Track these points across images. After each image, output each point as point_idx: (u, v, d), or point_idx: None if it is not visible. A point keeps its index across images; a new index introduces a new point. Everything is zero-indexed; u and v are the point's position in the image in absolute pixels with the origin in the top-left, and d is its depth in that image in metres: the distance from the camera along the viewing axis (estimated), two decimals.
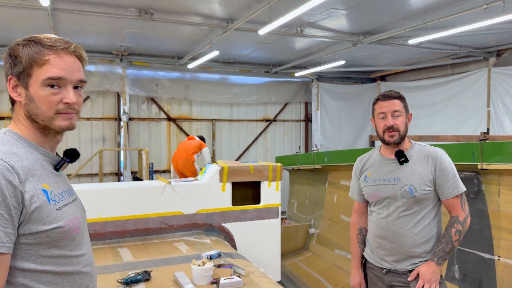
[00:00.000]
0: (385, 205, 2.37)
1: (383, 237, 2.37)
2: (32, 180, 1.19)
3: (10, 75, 1.27)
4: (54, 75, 1.23)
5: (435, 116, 10.27)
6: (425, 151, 2.36)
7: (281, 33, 7.60)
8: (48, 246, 1.20)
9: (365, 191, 2.49)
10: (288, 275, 6.09)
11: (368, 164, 2.52)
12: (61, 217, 1.23)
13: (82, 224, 1.36)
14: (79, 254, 1.30)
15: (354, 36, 8.02)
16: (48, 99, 1.24)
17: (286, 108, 12.07)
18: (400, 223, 2.31)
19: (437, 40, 7.96)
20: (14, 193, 1.13)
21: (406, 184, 2.29)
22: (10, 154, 1.18)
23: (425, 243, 2.29)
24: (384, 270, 2.38)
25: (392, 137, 2.31)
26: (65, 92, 1.26)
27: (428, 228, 2.30)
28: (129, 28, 7.61)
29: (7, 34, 7.86)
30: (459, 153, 4.17)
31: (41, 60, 1.23)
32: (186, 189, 4.36)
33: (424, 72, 10.96)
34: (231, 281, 2.88)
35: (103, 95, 10.02)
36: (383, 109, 2.33)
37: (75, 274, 1.28)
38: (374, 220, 2.44)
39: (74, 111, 1.29)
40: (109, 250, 3.78)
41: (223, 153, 11.25)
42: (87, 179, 9.70)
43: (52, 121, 1.26)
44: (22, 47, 1.25)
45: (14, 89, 1.27)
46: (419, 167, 2.32)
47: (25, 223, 1.16)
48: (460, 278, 4.16)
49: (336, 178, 6.60)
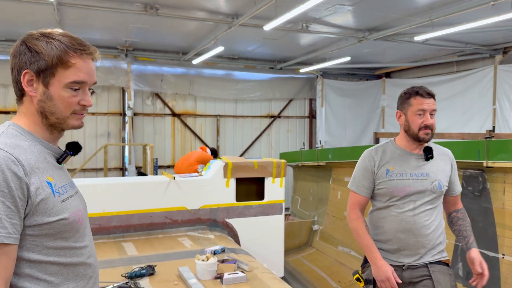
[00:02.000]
0: (411, 200, 2.34)
1: (409, 231, 2.32)
2: (37, 172, 1.21)
3: (27, 69, 1.26)
4: (80, 79, 1.28)
5: (440, 114, 10.15)
6: (440, 150, 2.48)
7: (287, 29, 7.57)
8: (54, 237, 1.22)
9: (387, 185, 2.37)
10: (291, 271, 6.11)
11: (387, 157, 2.42)
12: (65, 209, 1.25)
13: (85, 216, 1.38)
14: (82, 245, 1.33)
15: (360, 33, 7.98)
16: (68, 101, 1.28)
17: (291, 105, 12.05)
18: (425, 217, 2.35)
19: (443, 37, 7.91)
20: (19, 185, 1.14)
21: (435, 179, 2.36)
22: (15, 146, 1.19)
23: (440, 234, 2.39)
24: (404, 267, 2.33)
25: (427, 135, 2.34)
26: (84, 94, 1.31)
27: (439, 220, 2.40)
28: (135, 23, 7.61)
29: (12, 28, 7.89)
30: (464, 150, 4.16)
31: (67, 62, 1.26)
32: (190, 184, 4.37)
33: (429, 69, 10.90)
34: (235, 276, 2.90)
35: (108, 90, 10.04)
36: (424, 106, 2.31)
37: (79, 265, 1.30)
38: (394, 216, 2.35)
39: (86, 111, 1.35)
40: (113, 244, 3.80)
41: (227, 149, 11.26)
42: (92, 173, 9.74)
43: (66, 120, 1.30)
44: (47, 44, 1.24)
45: (29, 83, 1.27)
46: (441, 164, 2.42)
47: (31, 215, 1.17)
48: (464, 275, 4.15)
49: (340, 175, 6.59)
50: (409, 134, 2.36)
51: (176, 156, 10.65)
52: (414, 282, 2.33)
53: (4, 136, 1.21)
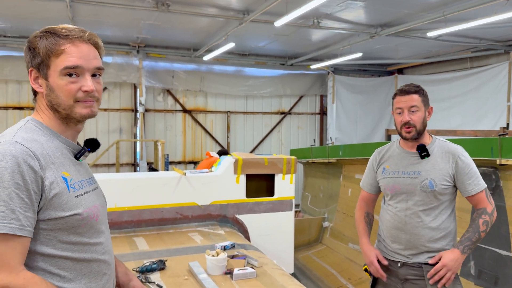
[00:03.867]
0: (403, 199, 2.36)
1: (400, 230, 2.35)
2: (52, 167, 1.22)
3: (31, 67, 1.29)
4: (70, 64, 1.25)
5: (453, 111, 10.09)
6: (445, 147, 2.36)
7: (298, 24, 7.54)
8: (67, 232, 1.23)
9: (382, 183, 2.48)
10: (301, 268, 6.11)
11: (387, 156, 2.51)
12: (79, 204, 1.26)
13: (102, 213, 1.38)
14: (97, 242, 1.33)
15: (372, 28, 7.91)
16: (66, 88, 1.26)
17: (301, 101, 12.01)
18: (418, 217, 2.30)
19: (457, 33, 7.79)
20: (34, 178, 1.16)
21: (427, 178, 2.29)
22: (32, 140, 1.21)
23: (442, 238, 2.29)
24: (399, 264, 2.37)
25: (409, 133, 2.31)
26: (83, 80, 1.27)
27: (445, 224, 2.30)
28: (146, 20, 7.65)
29: (26, 25, 7.99)
30: (477, 148, 4.10)
31: (57, 50, 1.25)
32: (200, 180, 4.39)
33: (442, 65, 10.76)
34: (245, 272, 2.91)
35: (120, 86, 10.12)
36: (400, 104, 2.33)
37: (93, 261, 1.30)
38: (390, 214, 2.42)
39: (94, 98, 1.31)
40: (125, 239, 3.85)
41: (238, 146, 11.27)
42: (104, 169, 9.84)
43: (72, 109, 1.28)
44: (40, 39, 1.27)
45: (35, 81, 1.30)
46: (440, 162, 2.31)
47: (45, 209, 1.19)
48: (476, 274, 4.11)
49: (351, 172, 6.56)
50: (398, 134, 2.40)
51: (186, 152, 10.71)
52: (409, 279, 2.34)
53: (22, 130, 1.24)
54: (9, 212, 1.11)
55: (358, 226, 2.61)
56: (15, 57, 8.97)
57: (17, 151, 1.15)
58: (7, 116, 9.11)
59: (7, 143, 1.16)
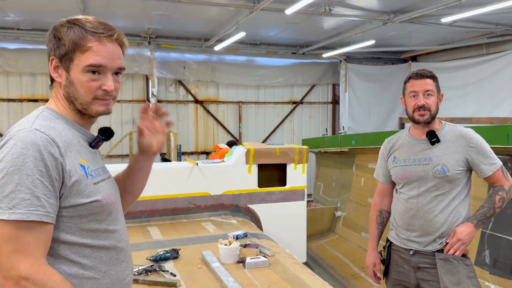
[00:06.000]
0: (415, 186, 2.34)
1: (413, 217, 2.33)
2: (71, 154, 1.23)
3: (53, 56, 1.29)
4: (95, 62, 1.25)
5: (468, 98, 9.91)
6: (456, 131, 2.32)
7: (309, 12, 7.45)
8: (87, 219, 1.24)
9: (393, 172, 2.46)
10: (313, 257, 6.12)
11: (397, 145, 2.49)
12: (98, 191, 1.27)
13: (117, 200, 1.40)
14: (115, 229, 1.34)
15: (385, 15, 7.77)
16: (87, 85, 1.26)
17: (313, 90, 11.92)
18: (431, 203, 2.29)
19: (472, 18, 7.61)
20: (56, 165, 1.16)
21: (438, 164, 2.26)
22: (50, 128, 1.21)
23: (455, 224, 2.27)
24: (411, 252, 2.35)
25: (422, 116, 2.28)
26: (105, 79, 1.28)
27: (458, 209, 2.28)
28: (157, 10, 7.64)
29: (39, 18, 8.05)
30: (492, 135, 4.03)
31: (83, 46, 1.24)
32: (213, 170, 4.42)
33: (457, 52, 10.56)
34: (257, 260, 2.93)
35: (132, 77, 10.17)
36: (415, 88, 2.30)
37: (112, 248, 1.32)
38: (402, 202, 2.40)
39: (111, 97, 1.32)
40: (139, 228, 3.90)
41: (250, 136, 11.28)
42: (117, 160, 9.95)
43: (89, 105, 1.29)
44: (66, 30, 1.26)
45: (55, 70, 1.30)
46: (451, 146, 2.28)
47: (66, 196, 1.19)
48: (491, 263, 4.07)
49: (364, 161, 6.51)
50: (409, 118, 2.37)
51: (199, 142, 10.75)
52: (421, 267, 2.33)
53: (40, 118, 1.24)
54: (35, 199, 1.11)
55: (370, 226, 2.66)
56: (29, 50, 9.06)
57: (38, 138, 1.15)
58: (22, 108, 9.27)
59: (26, 131, 1.16)
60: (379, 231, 2.62)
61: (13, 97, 9.26)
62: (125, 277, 1.38)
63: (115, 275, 1.33)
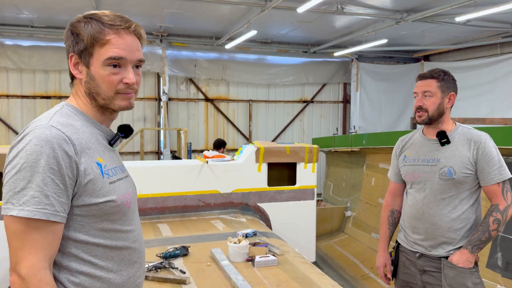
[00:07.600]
0: (421, 187, 2.32)
1: (418, 220, 2.31)
2: (88, 153, 1.21)
3: (72, 52, 1.27)
4: (115, 55, 1.24)
5: (482, 98, 9.77)
6: (468, 134, 2.26)
7: (321, 10, 7.42)
8: (100, 219, 1.23)
9: (402, 171, 2.45)
10: (323, 256, 6.10)
11: (409, 144, 2.48)
12: (113, 191, 1.25)
13: (133, 200, 1.38)
14: (129, 229, 1.32)
15: (398, 14, 7.70)
16: (108, 79, 1.25)
17: (324, 89, 11.87)
18: (436, 206, 2.25)
19: (487, 18, 7.51)
20: (69, 164, 1.15)
21: (445, 165, 2.23)
22: (67, 125, 1.20)
23: (461, 229, 2.22)
24: (417, 254, 2.33)
25: (420, 117, 2.30)
26: (125, 72, 1.27)
27: (466, 214, 2.22)
28: (169, 8, 7.67)
29: (52, 15, 8.14)
30: (506, 137, 3.97)
31: (102, 39, 1.23)
32: (222, 168, 4.42)
33: (471, 51, 10.42)
34: (266, 259, 2.92)
35: (144, 75, 10.23)
36: (416, 89, 2.34)
37: (124, 249, 1.30)
38: (409, 204, 2.39)
39: (133, 90, 1.31)
40: (149, 225, 3.92)
41: (260, 134, 11.28)
42: (128, 157, 10.04)
43: (112, 100, 1.28)
44: (84, 25, 1.24)
45: (75, 67, 1.28)
46: (461, 149, 2.23)
47: (79, 195, 1.18)
48: (503, 266, 4.01)
49: (375, 161, 6.47)
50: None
51: (209, 140, 10.78)
52: (427, 271, 2.31)
53: (58, 114, 1.23)
54: (43, 197, 1.10)
55: (381, 227, 2.65)
56: (42, 47, 9.17)
57: (52, 135, 1.14)
58: (35, 105, 9.39)
59: (42, 127, 1.15)
60: (390, 231, 2.60)
61: (27, 93, 9.38)
62: (137, 278, 1.36)
63: (126, 275, 1.31)
